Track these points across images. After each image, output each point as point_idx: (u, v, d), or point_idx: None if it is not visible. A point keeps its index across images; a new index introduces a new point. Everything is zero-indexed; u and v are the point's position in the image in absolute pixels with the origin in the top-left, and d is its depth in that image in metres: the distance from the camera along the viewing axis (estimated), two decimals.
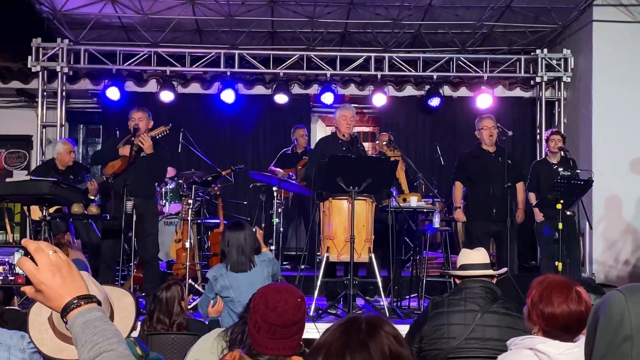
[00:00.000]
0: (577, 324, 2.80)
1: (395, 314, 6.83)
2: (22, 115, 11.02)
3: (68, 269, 1.64)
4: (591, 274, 9.31)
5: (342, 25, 10.69)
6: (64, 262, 1.64)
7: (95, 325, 1.60)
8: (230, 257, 5.31)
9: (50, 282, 1.61)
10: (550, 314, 2.80)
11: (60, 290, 1.62)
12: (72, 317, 1.61)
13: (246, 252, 5.31)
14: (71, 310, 1.61)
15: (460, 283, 4.22)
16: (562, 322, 2.78)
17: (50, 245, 1.65)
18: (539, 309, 2.83)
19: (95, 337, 1.57)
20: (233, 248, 5.31)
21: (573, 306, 2.78)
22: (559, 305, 2.79)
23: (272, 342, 2.67)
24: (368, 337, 1.52)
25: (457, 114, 11.01)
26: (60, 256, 1.64)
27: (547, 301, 2.81)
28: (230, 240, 5.33)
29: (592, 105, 9.71)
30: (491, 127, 7.88)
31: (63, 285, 1.62)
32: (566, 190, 7.26)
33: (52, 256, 1.62)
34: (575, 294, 2.80)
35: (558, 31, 10.66)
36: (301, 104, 11.17)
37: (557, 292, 2.81)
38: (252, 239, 5.37)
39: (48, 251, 1.63)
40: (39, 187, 6.58)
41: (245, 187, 9.85)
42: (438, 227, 8.07)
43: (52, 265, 1.61)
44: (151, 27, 10.53)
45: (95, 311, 1.63)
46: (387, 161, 7.16)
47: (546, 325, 2.83)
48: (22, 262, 1.62)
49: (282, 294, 2.70)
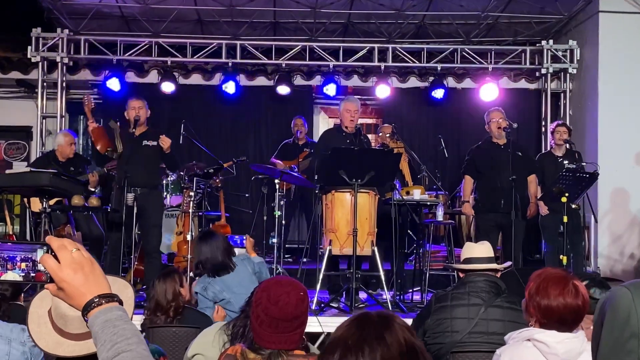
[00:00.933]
0: (573, 318, 2.84)
1: (398, 307, 6.83)
2: (22, 106, 11.01)
3: (90, 267, 1.64)
4: (596, 268, 9.31)
5: (345, 16, 10.67)
6: (87, 260, 1.64)
7: (116, 324, 1.60)
8: (209, 263, 5.51)
9: (72, 280, 1.61)
10: (547, 307, 2.84)
11: (82, 289, 1.62)
12: (92, 315, 1.61)
13: (223, 255, 5.53)
14: (92, 308, 1.62)
15: (464, 277, 4.23)
16: (558, 314, 2.82)
17: (73, 242, 1.65)
18: (536, 301, 2.88)
19: (115, 336, 1.58)
20: (209, 255, 5.51)
21: (569, 299, 2.81)
22: (555, 297, 2.82)
23: (274, 336, 2.68)
24: (383, 329, 1.52)
25: (462, 105, 10.98)
26: (83, 254, 1.65)
27: (543, 293, 2.85)
28: (205, 250, 5.55)
29: (598, 97, 9.69)
30: (499, 119, 7.86)
31: (85, 284, 1.62)
32: (571, 183, 7.25)
33: (75, 254, 1.63)
34: (572, 287, 2.83)
35: (564, 22, 10.63)
36: (303, 96, 11.16)
37: (554, 285, 2.85)
38: (224, 243, 5.59)
39: (71, 249, 1.63)
40: (39, 178, 6.59)
41: (247, 179, 9.86)
42: (442, 220, 8.07)
43: (74, 262, 1.62)
44: (152, 17, 10.52)
45: (116, 310, 1.63)
46: (390, 153, 7.16)
47: (542, 317, 2.87)
48: (45, 259, 1.63)
49: (285, 287, 2.71)
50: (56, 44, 10.23)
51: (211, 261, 5.50)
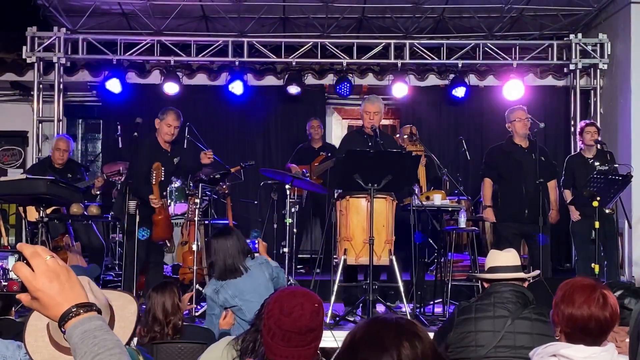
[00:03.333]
0: (599, 329, 2.82)
1: (419, 321, 6.82)
2: (17, 109, 11.09)
3: (66, 275, 1.64)
4: (630, 277, 9.25)
5: (359, 10, 10.68)
6: (62, 268, 1.65)
7: (96, 335, 1.60)
8: (217, 265, 5.42)
9: (48, 289, 1.62)
10: (570, 315, 2.84)
11: (58, 298, 1.62)
12: (70, 326, 1.62)
13: (234, 256, 5.41)
14: (70, 318, 1.62)
15: (488, 287, 4.22)
16: (582, 323, 2.82)
17: (47, 250, 1.66)
18: (560, 309, 2.89)
19: (96, 347, 1.58)
20: (219, 255, 5.41)
21: (595, 309, 2.81)
22: (579, 305, 2.82)
23: (287, 350, 2.68)
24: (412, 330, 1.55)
25: (484, 104, 10.96)
26: (58, 262, 1.65)
27: (568, 301, 2.86)
28: (217, 248, 5.44)
29: (630, 94, 9.64)
30: (524, 119, 7.84)
31: (61, 293, 1.62)
32: (603, 186, 7.21)
33: (49, 261, 1.63)
34: (600, 297, 2.82)
35: (593, 14, 10.60)
36: (315, 96, 11.18)
37: (580, 292, 2.85)
38: (239, 244, 5.47)
39: (45, 256, 1.63)
40: (36, 186, 6.62)
41: (255, 185, 9.85)
42: (464, 227, 8.05)
43: (49, 271, 1.62)
44: (154, 14, 10.56)
45: (96, 320, 1.64)
46: (408, 156, 7.14)
47: (566, 326, 2.87)
48: (18, 267, 1.62)
49: (298, 298, 2.71)
50: (53, 43, 10.28)
51: (218, 262, 5.42)
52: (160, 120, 7.49)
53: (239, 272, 5.39)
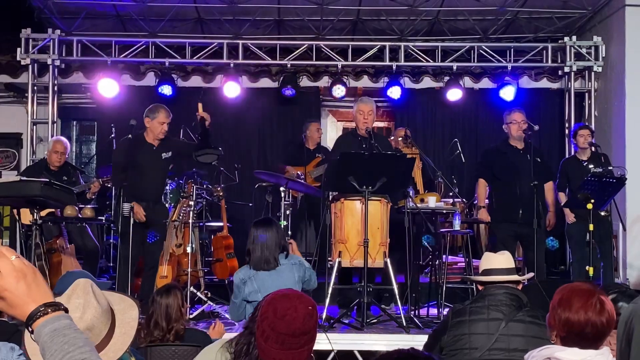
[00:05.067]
0: (595, 334, 2.83)
1: (413, 323, 6.82)
2: (11, 111, 11.08)
3: (33, 275, 1.67)
4: (625, 279, 9.27)
5: (354, 13, 10.69)
6: (29, 268, 1.67)
7: (65, 333, 1.62)
8: (254, 254, 5.43)
9: (14, 289, 1.63)
10: (567, 319, 2.85)
11: (25, 297, 1.64)
12: (38, 325, 1.64)
13: (271, 248, 5.42)
14: (37, 318, 1.64)
15: (482, 289, 4.23)
16: (579, 328, 2.82)
17: (11, 250, 1.68)
18: (557, 313, 2.89)
19: (66, 345, 1.60)
20: (257, 245, 5.43)
21: (592, 314, 2.82)
22: (576, 310, 2.83)
23: (281, 353, 2.68)
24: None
25: (479, 107, 10.98)
26: (23, 262, 1.67)
27: (565, 305, 2.87)
28: (256, 237, 5.45)
29: (625, 97, 9.67)
30: (521, 122, 7.87)
31: (28, 293, 1.64)
32: (597, 188, 7.24)
33: (15, 261, 1.65)
34: (597, 302, 2.83)
35: (588, 17, 10.63)
36: (310, 98, 11.18)
37: (578, 297, 2.86)
38: (277, 237, 5.48)
39: (10, 256, 1.65)
40: (30, 188, 6.60)
41: (250, 187, 9.84)
42: (459, 230, 8.06)
43: (15, 271, 1.64)
44: (149, 16, 10.56)
45: (64, 319, 1.66)
46: (403, 158, 7.15)
47: (562, 330, 2.88)
48: None
49: (292, 301, 2.71)
50: (47, 45, 10.28)
51: (256, 252, 5.43)
52: (151, 119, 7.48)
53: (272, 265, 5.41)
